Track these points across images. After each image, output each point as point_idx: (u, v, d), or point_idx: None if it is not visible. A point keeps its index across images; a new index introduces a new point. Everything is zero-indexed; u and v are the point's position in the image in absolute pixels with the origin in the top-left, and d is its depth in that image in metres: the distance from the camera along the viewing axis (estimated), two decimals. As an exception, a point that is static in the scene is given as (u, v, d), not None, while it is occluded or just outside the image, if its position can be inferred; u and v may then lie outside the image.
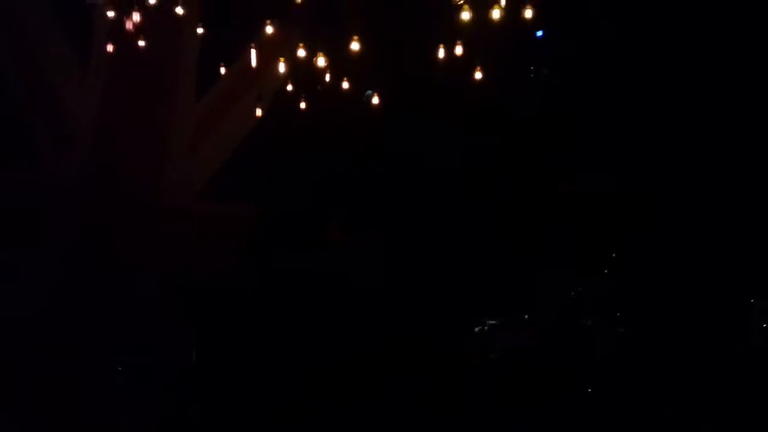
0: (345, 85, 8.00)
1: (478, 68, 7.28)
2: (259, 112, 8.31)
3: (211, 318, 8.76)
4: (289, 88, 8.08)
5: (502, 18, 6.16)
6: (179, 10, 6.61)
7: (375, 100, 8.44)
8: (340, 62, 7.45)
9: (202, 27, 7.26)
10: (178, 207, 8.89)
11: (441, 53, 6.90)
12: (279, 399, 7.88)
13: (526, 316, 8.82)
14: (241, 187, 9.06)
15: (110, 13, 6.63)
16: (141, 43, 6.97)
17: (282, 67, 7.34)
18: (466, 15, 6.14)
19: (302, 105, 8.20)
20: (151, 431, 7.47)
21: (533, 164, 9.16)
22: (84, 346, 7.91)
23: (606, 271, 9.00)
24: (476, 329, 8.80)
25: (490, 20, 6.17)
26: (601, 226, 8.95)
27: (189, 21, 7.27)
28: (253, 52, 7.35)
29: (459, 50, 6.75)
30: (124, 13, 6.55)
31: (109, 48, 7.20)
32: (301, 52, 7.01)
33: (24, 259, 7.89)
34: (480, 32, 6.38)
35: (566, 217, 9.00)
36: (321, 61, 7.05)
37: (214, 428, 7.68)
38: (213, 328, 8.75)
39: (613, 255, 9.11)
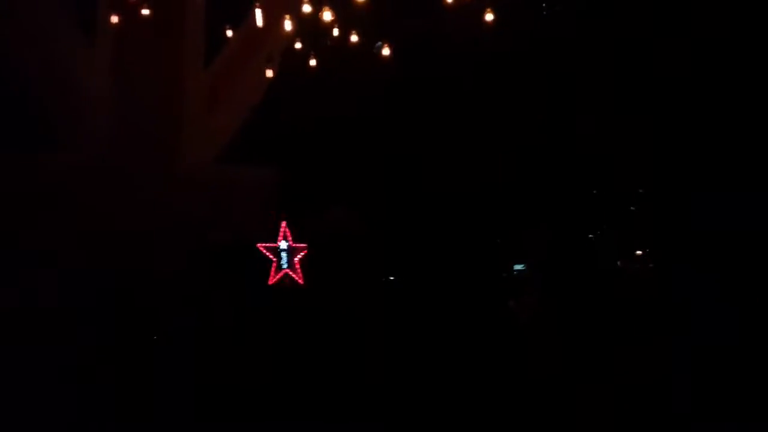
0: (354, 38, 7.90)
1: (489, 10, 7.11)
2: (269, 73, 8.24)
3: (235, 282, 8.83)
4: (298, 46, 8.00)
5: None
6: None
7: (386, 51, 8.34)
8: (347, 15, 7.33)
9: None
10: (197, 173, 8.88)
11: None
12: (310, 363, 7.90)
13: None
14: (259, 150, 9.05)
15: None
16: (145, 11, 6.88)
17: (288, 25, 7.23)
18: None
19: (312, 62, 8.12)
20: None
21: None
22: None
23: None
24: None
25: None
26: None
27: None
28: (258, 11, 7.23)
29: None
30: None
31: (114, 19, 7.12)
32: (307, 8, 6.88)
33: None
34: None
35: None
36: (327, 15, 6.92)
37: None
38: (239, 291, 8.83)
39: None
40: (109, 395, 7.23)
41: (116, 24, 7.39)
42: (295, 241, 9.39)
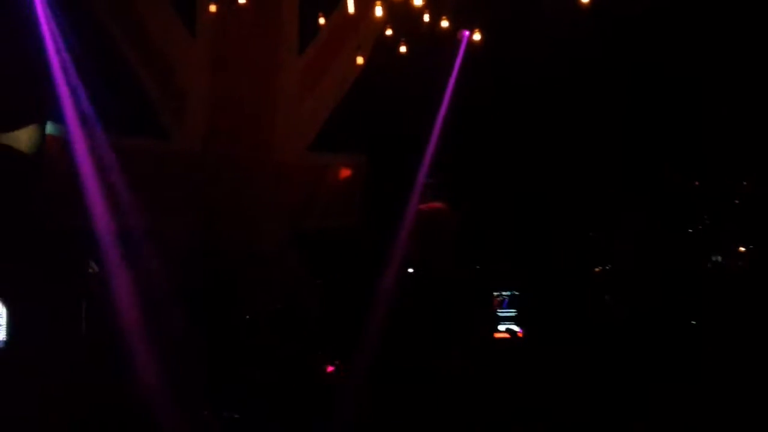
0: (444, 23, 7.91)
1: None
2: (360, 61, 8.35)
3: (332, 268, 8.95)
4: (389, 32, 8.08)
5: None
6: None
7: (477, 36, 8.31)
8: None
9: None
10: (292, 161, 9.07)
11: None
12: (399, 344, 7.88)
13: None
14: (352, 137, 9.15)
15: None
16: (242, 0, 7.10)
17: (379, 11, 7.31)
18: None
19: (402, 49, 8.18)
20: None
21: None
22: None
23: None
24: None
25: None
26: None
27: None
28: (350, -2, 7.35)
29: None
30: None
31: (212, 8, 7.37)
32: (398, -7, 6.95)
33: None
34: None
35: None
36: (418, 0, 6.97)
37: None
38: (335, 278, 8.94)
39: None
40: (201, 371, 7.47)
41: (214, 14, 7.66)
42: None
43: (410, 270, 8.06)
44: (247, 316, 8.18)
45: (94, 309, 7.72)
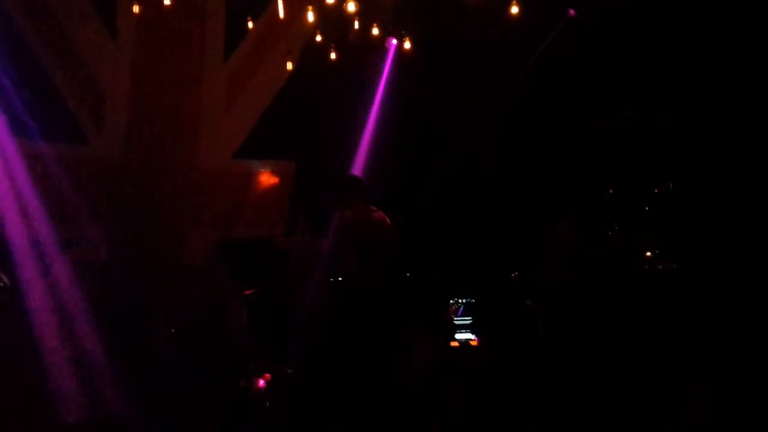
0: (375, 31, 7.86)
1: (513, 3, 7.06)
2: (289, 66, 8.21)
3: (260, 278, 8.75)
4: (318, 38, 7.97)
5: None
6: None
7: (407, 45, 8.31)
8: (369, 7, 7.29)
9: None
10: (217, 168, 8.86)
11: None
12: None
13: None
14: (279, 143, 9.00)
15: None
16: (166, 1, 6.87)
17: (311, 17, 7.20)
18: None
19: (332, 56, 8.09)
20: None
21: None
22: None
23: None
24: None
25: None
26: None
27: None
28: (280, 2, 7.21)
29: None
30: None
31: (135, 9, 7.10)
32: (330, -1, 6.85)
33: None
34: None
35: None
36: (351, 6, 6.89)
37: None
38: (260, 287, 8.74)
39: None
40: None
41: (136, 16, 7.38)
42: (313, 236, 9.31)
43: (340, 279, 7.97)
44: (172, 330, 7.90)
45: (2, 324, 7.32)
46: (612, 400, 6.52)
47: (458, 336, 7.68)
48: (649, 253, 8.71)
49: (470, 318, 8.05)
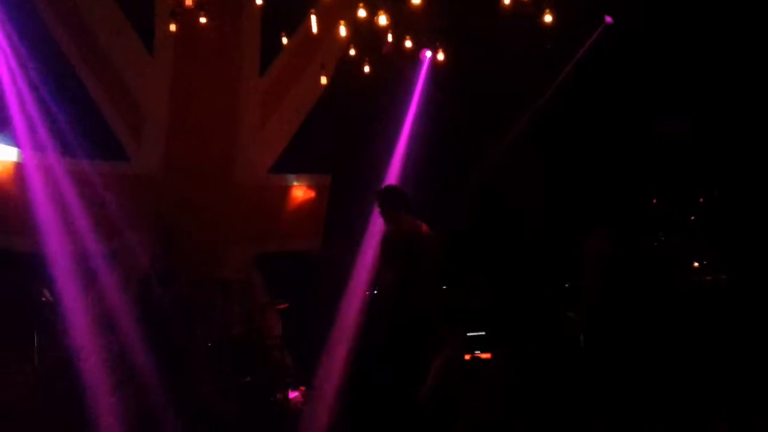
0: (408, 44, 7.87)
1: (548, 11, 7.00)
2: (324, 81, 8.25)
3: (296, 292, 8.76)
4: (352, 52, 8.00)
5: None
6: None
7: (440, 56, 8.28)
8: (402, 20, 7.29)
9: (261, -2, 7.16)
10: (253, 183, 8.90)
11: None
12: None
13: None
14: (315, 157, 9.02)
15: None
16: (202, 19, 6.95)
17: (343, 31, 7.22)
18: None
19: (366, 69, 8.10)
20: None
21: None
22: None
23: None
24: None
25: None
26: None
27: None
28: (313, 18, 7.24)
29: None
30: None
31: (172, 27, 7.19)
32: (362, 12, 6.87)
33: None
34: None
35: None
36: (383, 20, 6.90)
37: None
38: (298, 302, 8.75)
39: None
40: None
41: (174, 33, 7.47)
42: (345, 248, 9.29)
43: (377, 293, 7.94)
44: (209, 343, 7.94)
45: (47, 339, 7.44)
46: (655, 414, 6.37)
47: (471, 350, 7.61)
48: (696, 264, 8.52)
49: (483, 332, 7.94)
